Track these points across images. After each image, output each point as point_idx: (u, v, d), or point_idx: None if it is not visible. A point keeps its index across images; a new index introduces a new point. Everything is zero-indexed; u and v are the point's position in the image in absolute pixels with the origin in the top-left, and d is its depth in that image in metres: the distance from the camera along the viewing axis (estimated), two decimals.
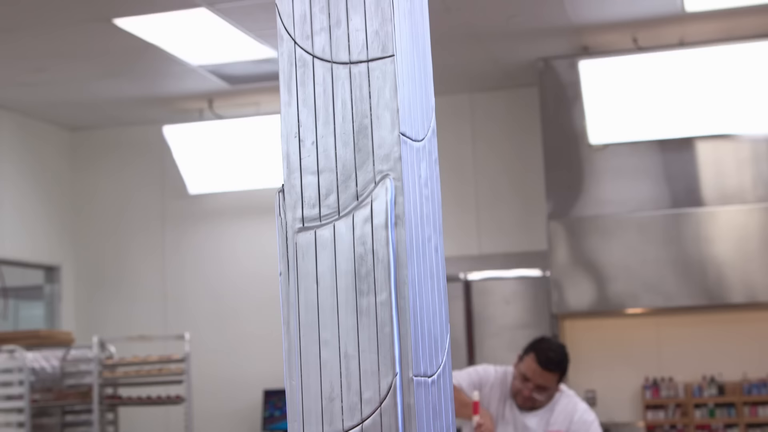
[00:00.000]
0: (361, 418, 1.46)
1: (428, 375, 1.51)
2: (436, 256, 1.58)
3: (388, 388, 1.45)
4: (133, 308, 8.37)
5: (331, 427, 1.47)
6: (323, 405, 1.48)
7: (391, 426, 1.44)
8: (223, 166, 8.11)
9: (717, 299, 7.05)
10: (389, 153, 1.48)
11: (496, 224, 7.94)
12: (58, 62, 6.97)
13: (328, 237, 1.49)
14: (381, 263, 1.46)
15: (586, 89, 7.09)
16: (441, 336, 1.57)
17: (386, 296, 1.46)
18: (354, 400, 1.46)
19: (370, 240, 1.47)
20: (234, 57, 7.02)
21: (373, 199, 1.47)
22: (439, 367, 1.55)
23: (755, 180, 7.10)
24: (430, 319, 1.53)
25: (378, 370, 1.45)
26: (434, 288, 1.56)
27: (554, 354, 4.60)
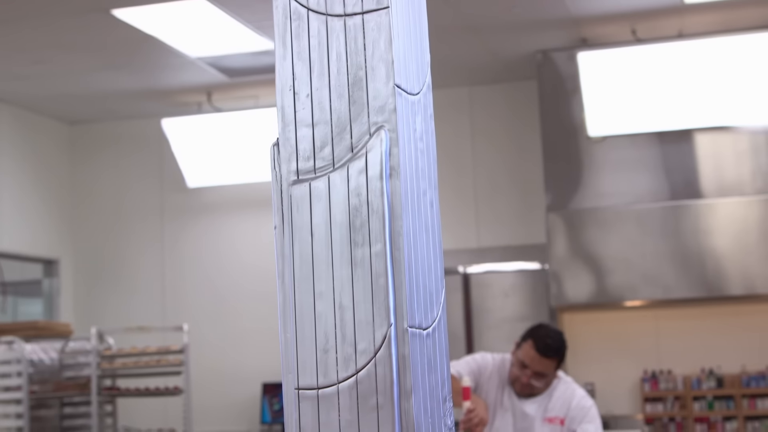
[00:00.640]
0: (356, 369, 1.45)
1: (423, 327, 1.50)
2: (432, 211, 1.57)
3: (383, 338, 1.44)
4: (132, 301, 8.37)
5: (326, 379, 1.47)
6: (318, 357, 1.48)
7: (385, 376, 1.44)
8: (221, 159, 8.11)
9: (716, 291, 7.05)
10: (384, 105, 1.48)
11: (495, 217, 7.93)
12: (56, 54, 6.97)
13: (322, 189, 1.49)
14: (376, 214, 1.45)
15: (585, 81, 7.09)
16: (436, 290, 1.57)
17: (381, 247, 1.45)
18: (349, 351, 1.46)
19: (364, 191, 1.46)
20: (232, 49, 7.02)
21: (368, 150, 1.47)
22: (435, 321, 1.54)
23: (754, 172, 7.10)
24: (425, 273, 1.53)
25: (373, 320, 1.45)
26: (429, 242, 1.55)
27: (552, 341, 4.60)
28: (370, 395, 1.44)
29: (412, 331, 1.47)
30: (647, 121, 7.13)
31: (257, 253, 8.11)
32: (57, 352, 7.08)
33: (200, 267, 8.37)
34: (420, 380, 1.47)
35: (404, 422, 1.44)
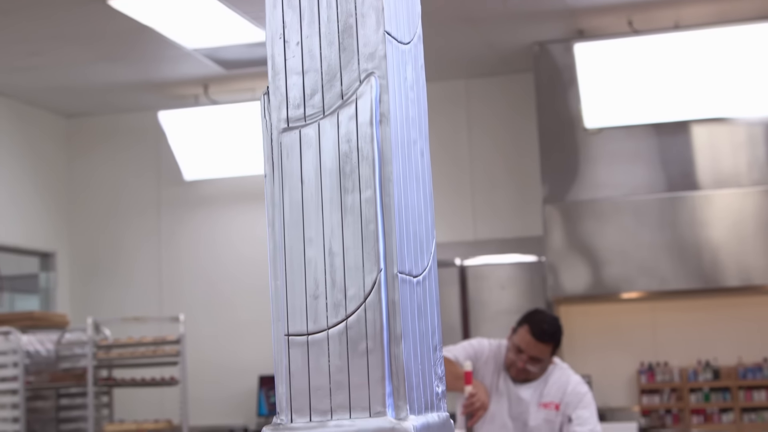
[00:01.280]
0: (346, 314, 1.46)
1: (413, 275, 1.50)
2: (422, 161, 1.57)
3: (373, 283, 1.44)
4: (129, 294, 8.36)
5: (316, 325, 1.47)
6: (308, 303, 1.48)
7: (375, 321, 1.44)
8: (218, 151, 8.11)
9: (712, 282, 7.05)
10: (374, 52, 1.48)
11: (492, 210, 7.94)
12: (52, 45, 6.96)
13: (312, 136, 1.49)
14: (366, 160, 1.46)
15: (582, 73, 7.09)
16: (427, 240, 1.57)
17: (371, 193, 1.45)
18: (338, 297, 1.46)
19: (354, 137, 1.46)
20: (229, 40, 7.02)
21: (358, 96, 1.47)
22: (425, 270, 1.54)
23: (750, 163, 7.10)
24: (415, 221, 1.53)
25: (362, 266, 1.45)
26: (420, 191, 1.56)
27: (548, 326, 4.60)
28: (360, 340, 1.44)
29: (402, 277, 1.47)
30: (644, 113, 7.14)
31: (254, 246, 8.11)
32: (53, 343, 7.08)
33: (197, 260, 8.37)
34: (410, 326, 1.47)
35: (394, 367, 1.44)
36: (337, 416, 1.45)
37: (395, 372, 1.44)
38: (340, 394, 1.45)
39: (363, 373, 1.44)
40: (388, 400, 1.43)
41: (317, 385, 1.46)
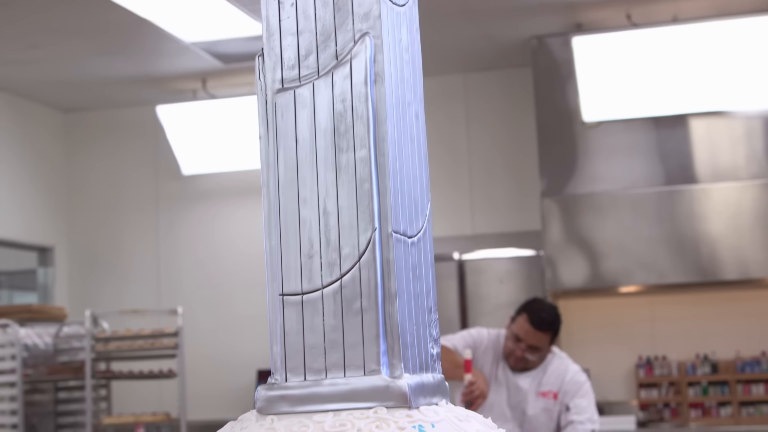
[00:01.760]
0: (340, 273, 1.46)
1: (408, 235, 1.50)
2: (417, 123, 1.57)
3: (367, 242, 1.44)
4: (127, 289, 8.36)
5: (310, 284, 1.47)
6: (302, 262, 1.48)
7: (370, 280, 1.44)
8: (216, 146, 8.10)
9: (710, 276, 7.05)
10: (369, 11, 1.48)
11: (490, 204, 7.94)
12: (51, 38, 6.96)
13: (307, 96, 1.49)
14: (360, 119, 1.46)
15: (580, 66, 7.09)
16: (422, 202, 1.57)
17: (365, 152, 1.45)
18: (333, 256, 1.46)
19: (349, 96, 1.46)
20: (227, 34, 7.01)
21: (353, 56, 1.47)
22: (420, 231, 1.54)
23: (749, 157, 7.10)
24: (410, 182, 1.53)
25: (357, 225, 1.45)
26: (415, 153, 1.56)
27: (546, 314, 4.61)
28: (355, 299, 1.45)
29: (397, 237, 1.47)
30: (642, 106, 7.13)
31: (252, 241, 8.10)
32: (51, 337, 7.08)
33: (195, 254, 8.37)
34: (404, 286, 1.47)
35: (388, 325, 1.44)
36: (332, 375, 1.45)
37: (390, 330, 1.44)
38: (334, 352, 1.45)
39: (357, 331, 1.44)
40: (383, 358, 1.43)
41: (312, 344, 1.46)
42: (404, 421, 1.39)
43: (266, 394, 1.48)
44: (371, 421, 1.38)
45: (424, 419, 1.41)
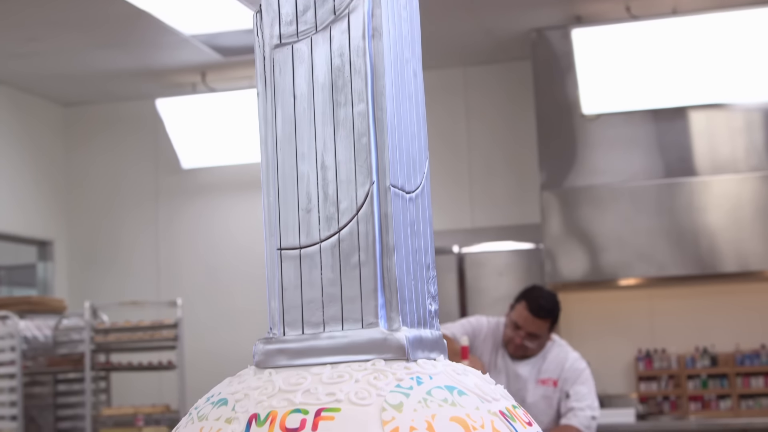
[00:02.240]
0: (338, 227, 1.46)
1: (406, 191, 1.51)
2: (415, 81, 1.57)
3: (365, 196, 1.44)
4: (127, 283, 8.36)
5: (308, 238, 1.47)
6: (300, 217, 1.48)
7: (368, 234, 1.44)
8: (216, 140, 8.10)
9: (709, 268, 7.05)
10: None
11: (490, 197, 7.94)
12: (50, 31, 6.96)
13: (305, 51, 1.49)
14: (358, 74, 1.46)
15: (579, 59, 7.09)
16: (420, 160, 1.57)
17: (363, 107, 1.46)
18: (331, 210, 1.46)
19: (347, 51, 1.47)
20: (227, 26, 7.01)
21: (351, 11, 1.47)
22: (418, 188, 1.54)
23: (748, 149, 7.11)
24: (408, 139, 1.53)
25: (355, 179, 1.45)
26: (413, 110, 1.56)
27: (545, 301, 4.61)
28: (352, 253, 1.45)
29: (395, 191, 1.47)
30: (642, 99, 7.14)
31: (252, 234, 8.10)
32: (51, 329, 7.07)
33: (195, 248, 8.37)
34: (402, 240, 1.47)
35: (386, 279, 1.44)
36: (330, 328, 1.45)
37: (388, 284, 1.44)
38: (332, 306, 1.45)
39: (355, 285, 1.44)
40: (381, 311, 1.43)
41: (309, 298, 1.46)
42: (402, 372, 1.39)
43: (264, 347, 1.48)
44: (369, 373, 1.38)
45: (422, 371, 1.42)
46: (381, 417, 1.32)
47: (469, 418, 1.37)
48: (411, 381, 1.39)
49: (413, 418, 1.33)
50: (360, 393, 1.35)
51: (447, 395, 1.39)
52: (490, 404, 1.43)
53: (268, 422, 1.35)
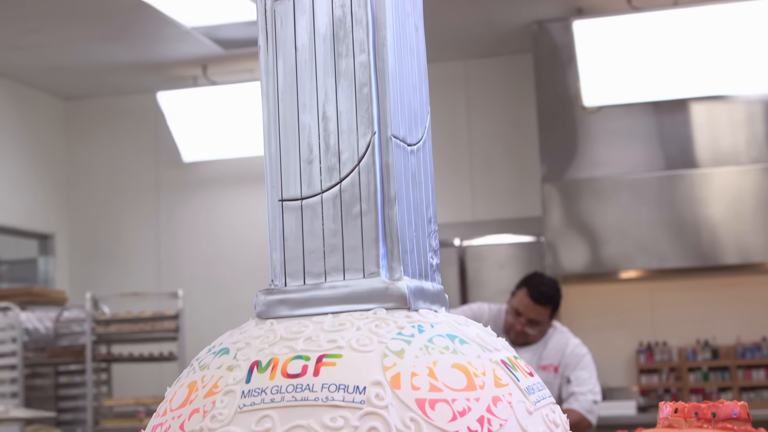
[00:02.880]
0: (340, 177, 1.46)
1: (408, 143, 1.50)
2: (416, 35, 1.57)
3: (367, 146, 1.44)
4: (128, 277, 8.35)
5: (310, 189, 1.47)
6: (301, 168, 1.48)
7: (369, 184, 1.44)
8: (217, 133, 8.10)
9: (711, 260, 7.04)
10: None
11: (491, 191, 7.94)
12: (52, 22, 6.96)
13: (306, 2, 1.49)
14: (359, 24, 1.46)
15: (581, 51, 7.09)
16: (421, 114, 1.57)
17: (365, 57, 1.46)
18: (332, 161, 1.46)
19: (348, 1, 1.47)
20: (227, 18, 7.01)
21: None
22: (420, 141, 1.54)
23: (749, 141, 7.10)
24: (410, 92, 1.53)
25: (356, 129, 1.45)
26: (414, 63, 1.56)
27: (546, 288, 4.61)
28: (354, 203, 1.45)
29: (396, 142, 1.47)
30: (643, 91, 7.13)
31: (253, 228, 8.10)
32: (52, 321, 7.08)
33: (196, 242, 8.37)
34: (404, 191, 1.47)
35: (388, 229, 1.44)
36: (331, 278, 1.45)
37: (389, 234, 1.44)
38: (334, 256, 1.45)
39: (357, 235, 1.44)
40: (382, 261, 1.43)
41: (311, 249, 1.46)
42: (404, 321, 1.39)
43: (266, 298, 1.48)
44: (370, 321, 1.38)
45: (424, 320, 1.42)
46: (382, 363, 1.32)
47: (471, 365, 1.37)
48: (412, 329, 1.39)
49: (414, 365, 1.33)
50: (361, 340, 1.35)
51: (448, 343, 1.39)
52: (491, 353, 1.43)
53: (269, 369, 1.35)
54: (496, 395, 1.34)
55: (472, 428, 1.29)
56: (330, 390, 1.29)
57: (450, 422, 1.28)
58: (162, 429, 1.40)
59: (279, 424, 1.28)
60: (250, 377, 1.35)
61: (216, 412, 1.33)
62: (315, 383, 1.30)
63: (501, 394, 1.35)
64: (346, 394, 1.28)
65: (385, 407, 1.27)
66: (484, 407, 1.32)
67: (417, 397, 1.29)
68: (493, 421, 1.31)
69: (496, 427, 1.31)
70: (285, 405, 1.29)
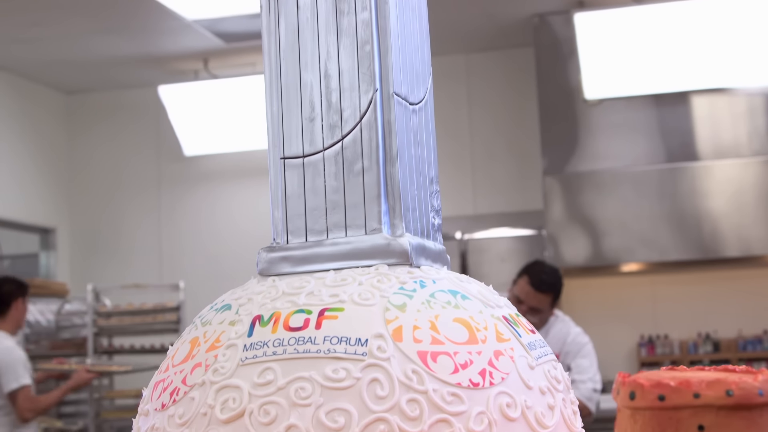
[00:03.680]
0: (341, 135, 1.46)
1: (410, 102, 1.51)
2: None
3: (369, 103, 1.44)
4: (129, 271, 8.36)
5: (312, 146, 1.47)
6: (303, 125, 1.48)
7: (371, 140, 1.44)
8: (218, 127, 8.11)
9: (712, 253, 7.05)
10: None
11: (492, 184, 7.94)
12: (53, 15, 6.97)
13: None
14: None
15: (582, 44, 7.10)
16: (423, 74, 1.57)
17: (367, 15, 1.46)
18: (334, 118, 1.46)
19: None
20: (229, 11, 7.02)
21: None
22: (421, 101, 1.54)
23: (750, 134, 7.10)
24: (412, 51, 1.53)
25: (358, 87, 1.45)
26: (415, 23, 1.56)
27: (547, 276, 4.62)
28: (356, 160, 1.45)
29: (398, 100, 1.47)
30: (644, 84, 7.14)
31: (254, 221, 8.10)
32: (53, 314, 7.08)
33: (197, 235, 8.37)
34: (406, 149, 1.47)
35: (390, 186, 1.44)
36: (333, 235, 1.45)
37: (391, 191, 1.44)
38: (335, 213, 1.45)
39: (359, 192, 1.44)
40: (384, 217, 1.43)
41: (313, 206, 1.46)
42: (406, 276, 1.39)
43: (267, 255, 1.48)
44: (372, 276, 1.38)
45: (426, 276, 1.42)
46: (384, 316, 1.32)
47: (473, 320, 1.37)
48: (414, 284, 1.39)
49: (417, 318, 1.33)
50: (363, 294, 1.35)
51: (450, 298, 1.39)
52: (493, 309, 1.43)
53: (271, 322, 1.35)
54: (497, 349, 1.34)
55: (474, 381, 1.29)
56: (332, 342, 1.29)
57: (452, 374, 1.28)
58: (164, 384, 1.40)
59: (281, 376, 1.28)
60: (252, 331, 1.35)
61: (218, 366, 1.33)
62: (317, 336, 1.30)
63: (503, 349, 1.35)
64: (348, 346, 1.28)
65: (387, 359, 1.27)
66: (486, 360, 1.32)
67: (419, 350, 1.29)
68: (495, 374, 1.31)
69: (498, 380, 1.31)
70: (287, 357, 1.29)
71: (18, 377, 4.99)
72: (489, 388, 1.30)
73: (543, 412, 1.34)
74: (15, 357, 5.06)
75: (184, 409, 1.33)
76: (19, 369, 5.03)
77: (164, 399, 1.37)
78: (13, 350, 5.08)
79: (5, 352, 5.03)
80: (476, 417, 1.27)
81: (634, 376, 1.19)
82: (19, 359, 5.07)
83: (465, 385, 1.28)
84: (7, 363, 5.00)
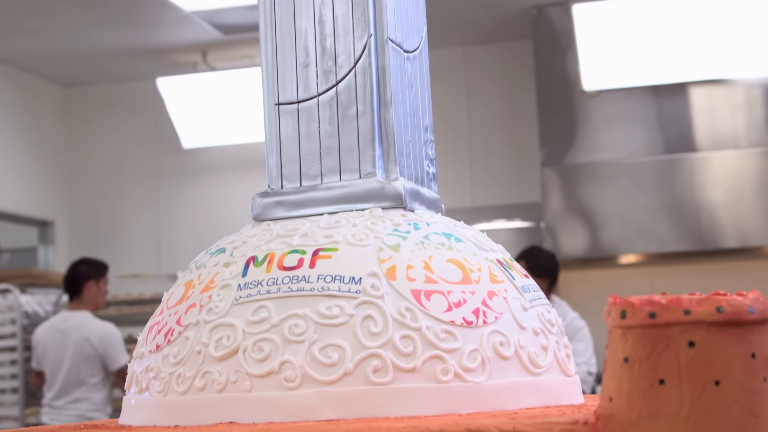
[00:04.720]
0: (336, 80, 1.46)
1: (404, 49, 1.51)
2: None
3: (363, 48, 1.45)
4: (127, 263, 8.35)
5: (306, 92, 1.47)
6: (298, 71, 1.48)
7: (365, 85, 1.44)
8: (217, 119, 8.11)
9: (710, 244, 7.04)
10: None
11: (490, 177, 7.94)
12: (51, 6, 6.97)
13: None
14: None
15: (580, 35, 7.10)
16: (418, 24, 1.57)
17: None
18: (329, 64, 1.47)
19: None
20: (228, 2, 7.02)
21: None
22: (416, 50, 1.55)
23: (749, 125, 7.11)
24: (406, 0, 1.54)
25: (353, 32, 1.46)
26: None
27: (544, 261, 4.64)
28: (350, 105, 1.45)
29: (393, 46, 1.47)
30: (642, 75, 7.14)
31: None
32: (51, 305, 7.07)
33: (196, 228, 8.37)
34: (400, 95, 1.48)
35: (384, 130, 1.44)
36: (327, 180, 1.45)
37: (385, 135, 1.44)
38: (330, 158, 1.46)
39: (353, 136, 1.44)
40: (378, 162, 1.44)
41: (307, 151, 1.47)
42: (400, 219, 1.40)
43: (262, 200, 1.49)
44: (366, 219, 1.38)
45: (420, 219, 1.42)
46: (378, 256, 1.33)
47: (467, 261, 1.37)
48: (408, 226, 1.39)
49: (410, 258, 1.34)
50: (357, 235, 1.36)
51: (444, 240, 1.40)
52: (487, 253, 1.44)
53: (265, 263, 1.36)
54: (491, 290, 1.35)
55: (468, 319, 1.29)
56: (326, 281, 1.30)
57: (445, 312, 1.28)
58: (158, 327, 1.40)
59: (275, 313, 1.28)
60: (247, 271, 1.35)
61: (212, 305, 1.33)
62: (311, 275, 1.31)
63: (496, 290, 1.36)
64: (342, 284, 1.29)
65: (380, 297, 1.27)
66: (480, 300, 1.32)
67: (412, 288, 1.29)
68: (488, 313, 1.31)
69: (491, 319, 1.31)
70: (281, 296, 1.30)
71: (125, 354, 5.40)
72: (482, 326, 1.30)
73: (536, 352, 1.34)
74: (117, 336, 5.46)
75: (179, 349, 1.33)
76: (122, 346, 5.45)
77: (159, 340, 1.38)
78: (112, 329, 5.45)
79: (107, 332, 5.37)
80: (469, 354, 1.27)
81: (625, 297, 1.20)
82: (120, 337, 5.48)
83: (458, 323, 1.29)
84: (116, 341, 5.40)
